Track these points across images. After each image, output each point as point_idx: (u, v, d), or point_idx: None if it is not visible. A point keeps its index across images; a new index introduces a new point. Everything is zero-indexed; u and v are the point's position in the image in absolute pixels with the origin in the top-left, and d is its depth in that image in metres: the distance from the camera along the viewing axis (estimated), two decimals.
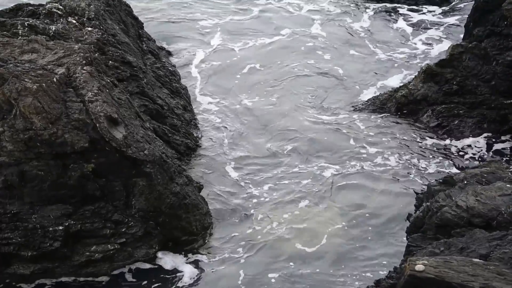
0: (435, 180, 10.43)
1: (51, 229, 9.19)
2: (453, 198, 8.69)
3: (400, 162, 12.35)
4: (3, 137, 8.91)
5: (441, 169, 12.09)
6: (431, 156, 12.50)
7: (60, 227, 9.21)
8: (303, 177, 11.94)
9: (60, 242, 9.21)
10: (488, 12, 13.44)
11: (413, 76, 14.15)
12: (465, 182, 8.97)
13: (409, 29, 17.92)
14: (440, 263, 6.75)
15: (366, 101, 14.26)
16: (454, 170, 11.88)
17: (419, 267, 6.62)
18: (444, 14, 18.53)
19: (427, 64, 14.03)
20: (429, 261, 6.75)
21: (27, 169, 9.02)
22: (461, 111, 12.98)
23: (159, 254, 9.91)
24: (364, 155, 12.58)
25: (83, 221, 9.33)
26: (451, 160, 12.41)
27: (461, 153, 12.57)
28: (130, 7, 14.25)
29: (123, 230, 9.54)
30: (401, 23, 18.27)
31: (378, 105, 13.87)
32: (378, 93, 14.57)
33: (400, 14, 18.57)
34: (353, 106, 14.24)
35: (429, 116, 13.12)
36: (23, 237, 9.13)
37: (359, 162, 12.38)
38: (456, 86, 13.07)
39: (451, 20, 18.19)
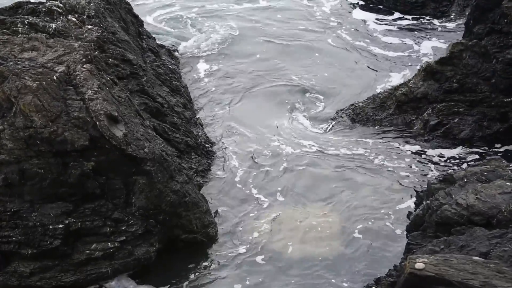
0: (435, 178, 10.43)
1: (51, 227, 9.18)
2: (453, 196, 8.68)
3: (400, 160, 12.34)
4: (3, 135, 8.90)
5: (441, 168, 12.09)
6: (430, 155, 12.49)
7: (60, 225, 9.21)
8: (299, 177, 11.92)
9: (60, 240, 9.20)
10: (488, 10, 13.43)
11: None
12: (465, 180, 8.95)
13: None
14: (440, 261, 6.75)
15: (366, 99, 14.25)
16: (454, 168, 11.88)
17: (419, 265, 6.62)
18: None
19: (427, 62, 14.04)
20: (429, 259, 6.76)
21: (27, 167, 9.02)
22: (461, 109, 12.96)
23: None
24: (364, 155, 12.57)
25: (83, 219, 9.33)
26: (451, 158, 12.40)
27: (460, 151, 12.56)
28: (130, 5, 14.26)
29: (123, 228, 9.54)
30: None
31: (378, 103, 13.85)
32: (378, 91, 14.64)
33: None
34: (352, 104, 14.24)
35: (429, 114, 13.10)
36: (23, 235, 9.12)
37: (358, 162, 12.37)
38: (456, 84, 13.05)
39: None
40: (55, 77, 9.11)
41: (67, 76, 9.33)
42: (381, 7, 19.42)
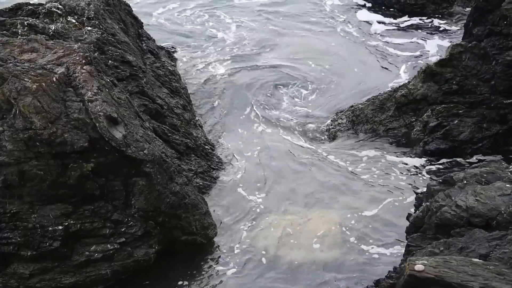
0: (435, 180, 10.41)
1: (50, 228, 9.18)
2: (453, 198, 8.67)
3: (400, 162, 12.35)
4: (3, 137, 8.90)
5: (441, 169, 12.08)
6: (430, 156, 12.49)
7: (60, 227, 9.20)
8: (299, 179, 11.91)
9: (60, 242, 9.20)
10: (487, 12, 13.41)
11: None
12: (465, 182, 8.94)
13: None
14: (440, 263, 6.74)
15: (366, 100, 14.26)
16: (454, 170, 11.88)
17: (419, 267, 6.61)
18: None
19: (427, 63, 14.05)
20: (429, 261, 6.75)
21: (26, 168, 9.01)
22: (460, 111, 12.97)
23: None
24: (363, 155, 12.57)
25: (82, 221, 9.33)
26: (450, 159, 12.40)
27: (460, 152, 12.56)
28: (129, 6, 14.26)
29: (123, 229, 9.54)
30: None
31: (377, 105, 13.86)
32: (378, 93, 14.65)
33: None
34: (352, 106, 14.24)
35: (429, 115, 13.10)
36: (22, 237, 9.12)
37: (358, 162, 12.37)
38: (455, 85, 13.06)
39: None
40: (54, 79, 9.11)
41: (67, 77, 9.33)
42: (381, 7, 19.56)
